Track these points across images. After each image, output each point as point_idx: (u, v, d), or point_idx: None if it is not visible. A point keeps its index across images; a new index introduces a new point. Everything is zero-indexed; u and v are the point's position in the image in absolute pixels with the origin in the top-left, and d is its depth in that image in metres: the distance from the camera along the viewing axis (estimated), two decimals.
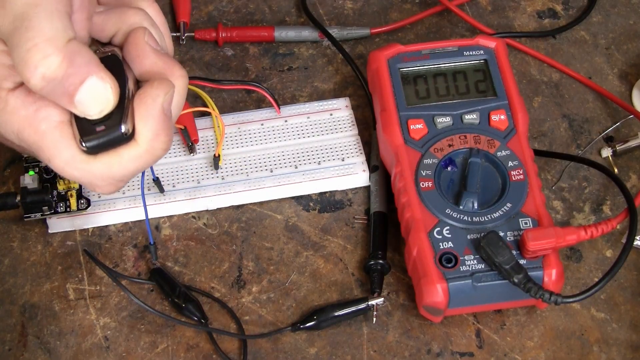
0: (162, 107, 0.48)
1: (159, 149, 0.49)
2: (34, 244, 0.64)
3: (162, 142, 0.49)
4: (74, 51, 0.46)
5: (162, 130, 0.49)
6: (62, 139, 0.48)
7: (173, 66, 0.50)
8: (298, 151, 0.67)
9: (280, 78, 0.73)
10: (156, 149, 0.49)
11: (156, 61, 0.50)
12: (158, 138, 0.49)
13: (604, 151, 0.68)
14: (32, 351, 0.60)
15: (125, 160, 0.49)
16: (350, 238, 0.65)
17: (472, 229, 0.59)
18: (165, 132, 0.49)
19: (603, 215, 0.66)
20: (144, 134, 0.48)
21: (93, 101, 0.47)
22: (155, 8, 0.52)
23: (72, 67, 0.46)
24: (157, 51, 0.50)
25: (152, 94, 0.48)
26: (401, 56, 0.66)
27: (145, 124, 0.48)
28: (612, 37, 0.76)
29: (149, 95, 0.48)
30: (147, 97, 0.48)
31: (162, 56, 0.50)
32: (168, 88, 0.48)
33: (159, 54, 0.50)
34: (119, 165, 0.49)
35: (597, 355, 0.59)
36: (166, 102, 0.48)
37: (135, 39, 0.49)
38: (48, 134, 0.48)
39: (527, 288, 0.56)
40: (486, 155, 0.62)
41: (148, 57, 0.49)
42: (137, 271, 0.63)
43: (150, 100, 0.48)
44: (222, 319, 0.61)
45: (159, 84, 0.48)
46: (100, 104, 0.47)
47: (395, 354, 0.60)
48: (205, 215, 0.66)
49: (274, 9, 0.78)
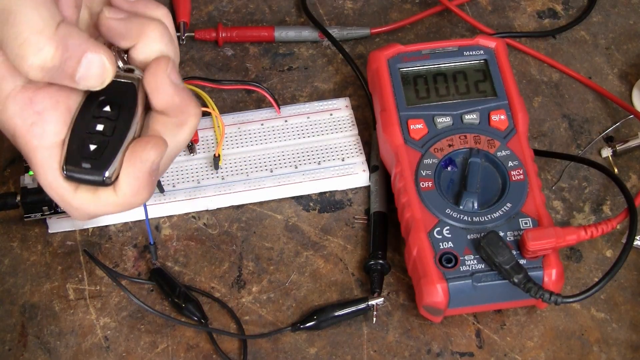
0: (150, 169, 0.48)
1: (136, 204, 0.50)
2: (34, 244, 0.64)
3: (141, 199, 0.49)
4: (66, 35, 0.46)
5: (143, 188, 0.49)
6: (49, 161, 0.49)
7: (189, 104, 0.50)
8: (298, 151, 0.67)
9: (280, 78, 0.73)
10: (132, 203, 0.49)
11: (174, 98, 0.49)
12: (137, 195, 0.49)
13: (604, 151, 0.68)
14: (32, 351, 0.60)
15: (101, 203, 0.49)
16: (350, 238, 0.65)
17: (472, 229, 0.59)
18: (147, 190, 0.49)
19: (603, 215, 0.66)
20: (124, 190, 0.49)
21: (93, 76, 0.47)
22: (170, 20, 0.52)
23: (67, 51, 0.46)
24: (177, 86, 0.49)
25: (142, 157, 0.48)
26: (401, 56, 0.66)
27: (128, 181, 0.48)
28: (612, 37, 0.76)
29: (139, 157, 0.48)
30: (137, 158, 0.48)
31: (180, 92, 0.49)
32: (161, 151, 0.48)
33: (178, 90, 0.49)
34: (94, 205, 0.49)
35: (597, 355, 0.59)
36: (155, 164, 0.48)
37: (157, 70, 0.49)
38: (39, 151, 0.48)
39: (527, 288, 0.56)
40: (486, 155, 0.62)
41: (166, 93, 0.49)
42: (137, 271, 0.63)
43: (139, 162, 0.48)
44: (222, 319, 0.61)
45: (152, 147, 0.48)
46: (100, 77, 0.47)
47: (395, 354, 0.60)
48: (205, 215, 0.66)
49: (274, 9, 0.78)
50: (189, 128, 0.50)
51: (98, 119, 0.49)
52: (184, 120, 0.50)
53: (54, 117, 0.49)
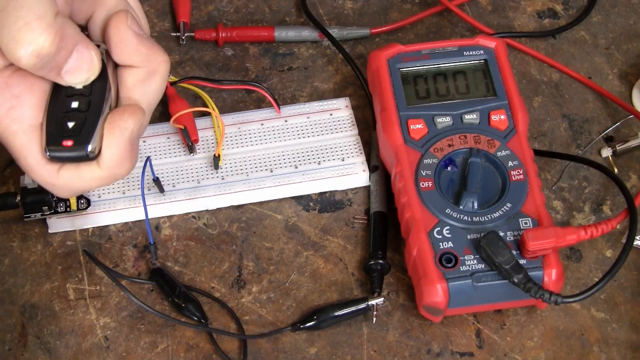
0: (130, 138, 0.48)
1: (120, 175, 0.50)
2: (34, 244, 0.64)
3: (125, 169, 0.50)
4: (62, 25, 0.46)
5: (126, 158, 0.49)
6: (30, 143, 0.49)
7: (156, 51, 0.50)
8: (298, 151, 0.67)
9: (280, 78, 0.73)
10: (117, 174, 0.50)
11: (139, 47, 0.49)
12: (121, 166, 0.49)
13: (604, 151, 0.68)
14: (32, 351, 0.60)
15: (85, 179, 0.50)
16: (350, 238, 0.65)
17: (472, 229, 0.59)
18: (130, 160, 0.49)
19: (603, 215, 0.66)
20: (107, 162, 0.49)
21: (80, 71, 0.47)
22: None
23: (62, 41, 0.46)
24: (140, 36, 0.50)
25: (121, 126, 0.48)
26: (401, 56, 0.66)
27: (110, 152, 0.49)
28: (612, 37, 0.76)
29: (117, 126, 0.48)
30: (116, 128, 0.48)
31: (145, 41, 0.50)
32: (139, 118, 0.49)
33: (142, 39, 0.49)
34: (78, 181, 0.50)
35: (597, 355, 0.59)
36: (135, 132, 0.49)
37: (118, 23, 0.49)
38: (18, 135, 0.48)
39: (527, 288, 0.56)
40: (486, 155, 0.62)
41: (131, 43, 0.49)
42: (137, 271, 0.63)
43: (119, 132, 0.48)
44: (222, 319, 0.61)
45: (129, 115, 0.48)
46: (86, 73, 0.48)
47: (395, 354, 0.60)
48: (205, 215, 0.66)
49: (274, 9, 0.78)
50: (160, 76, 0.50)
51: (72, 98, 0.49)
52: (154, 68, 0.50)
53: (30, 100, 0.49)
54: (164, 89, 0.52)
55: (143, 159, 0.65)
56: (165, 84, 0.51)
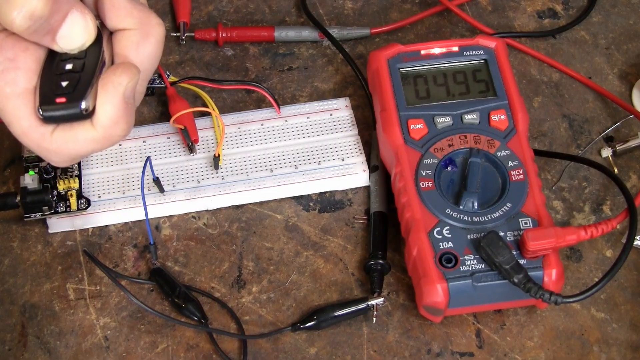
0: (124, 95, 0.47)
1: (116, 135, 0.49)
2: (34, 244, 0.64)
3: (120, 130, 0.48)
4: None
5: (121, 117, 0.48)
6: (23, 107, 0.48)
7: (149, 15, 0.50)
8: (298, 151, 0.67)
9: (280, 78, 0.73)
10: (113, 135, 0.48)
11: (131, 10, 0.49)
12: (116, 125, 0.48)
13: (604, 151, 0.68)
14: (32, 351, 0.60)
15: (80, 141, 0.48)
16: (350, 238, 0.65)
17: (472, 229, 0.59)
18: (125, 120, 0.48)
19: (603, 215, 0.66)
20: (101, 120, 0.48)
21: (75, 36, 0.47)
22: None
23: (56, 4, 0.45)
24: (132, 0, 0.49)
25: (115, 81, 0.47)
26: (401, 56, 0.66)
27: (104, 110, 0.48)
28: (612, 37, 0.76)
29: (111, 82, 0.47)
30: (109, 84, 0.47)
31: (137, 5, 0.49)
32: (132, 74, 0.48)
33: (134, 3, 0.49)
34: (73, 144, 0.49)
35: (597, 355, 0.59)
36: (129, 89, 0.48)
37: None
38: (11, 99, 0.48)
39: (527, 288, 0.56)
40: (486, 155, 0.62)
41: (124, 7, 0.49)
42: (137, 271, 0.63)
43: (112, 88, 0.47)
44: (222, 319, 0.61)
45: (123, 71, 0.48)
46: (82, 38, 0.47)
47: (395, 354, 0.60)
48: (205, 215, 0.66)
49: (274, 9, 0.78)
50: (155, 39, 0.50)
51: (66, 61, 0.48)
52: (147, 31, 0.50)
53: (25, 63, 0.48)
54: (160, 56, 0.51)
55: (143, 159, 0.65)
56: (160, 49, 0.50)
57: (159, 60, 0.51)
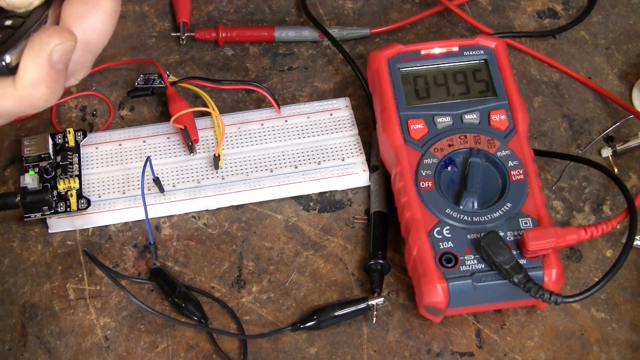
0: (50, 57, 0.46)
1: (37, 99, 0.47)
2: (34, 244, 0.64)
3: (41, 93, 0.47)
4: None
5: (42, 80, 0.46)
6: None
7: None
8: (298, 151, 0.67)
9: (280, 78, 0.73)
10: (33, 99, 0.47)
11: None
12: (36, 87, 0.46)
13: (604, 151, 0.68)
14: (32, 351, 0.60)
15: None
16: (350, 238, 0.65)
17: (472, 229, 0.59)
18: (47, 84, 0.47)
19: (603, 215, 0.66)
20: (22, 79, 0.46)
21: None
22: None
23: None
24: None
25: (43, 41, 0.46)
26: (401, 56, 0.66)
27: (25, 67, 0.46)
28: (612, 37, 0.76)
29: (38, 42, 0.46)
30: (35, 44, 0.46)
31: None
32: (64, 38, 0.46)
33: None
34: None
35: (597, 355, 0.59)
36: (57, 53, 0.46)
37: None
38: None
39: (527, 288, 0.56)
40: (486, 155, 0.62)
41: None
42: (137, 271, 0.63)
43: (38, 46, 0.46)
44: (222, 319, 0.61)
45: (54, 32, 0.46)
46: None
47: (395, 354, 0.60)
48: (205, 215, 0.66)
49: (274, 9, 0.78)
50: (102, 10, 0.48)
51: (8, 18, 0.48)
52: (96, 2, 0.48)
53: None
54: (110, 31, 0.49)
55: (143, 158, 0.65)
56: (110, 23, 0.49)
57: (108, 35, 0.49)
